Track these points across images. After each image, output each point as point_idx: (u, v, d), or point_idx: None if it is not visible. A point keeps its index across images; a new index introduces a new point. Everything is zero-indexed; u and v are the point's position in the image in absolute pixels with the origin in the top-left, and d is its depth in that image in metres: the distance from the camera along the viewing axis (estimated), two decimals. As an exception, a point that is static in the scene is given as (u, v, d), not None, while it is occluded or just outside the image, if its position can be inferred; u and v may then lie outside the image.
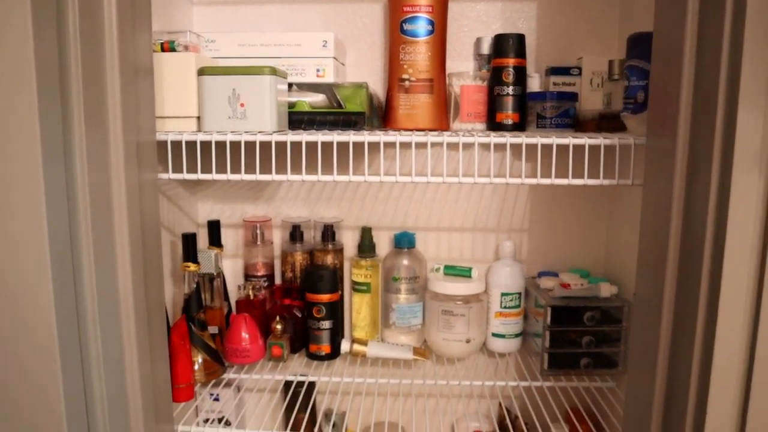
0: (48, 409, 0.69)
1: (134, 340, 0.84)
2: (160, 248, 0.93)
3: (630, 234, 1.17)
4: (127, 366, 0.84)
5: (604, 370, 1.17)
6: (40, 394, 0.69)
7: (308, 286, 1.20)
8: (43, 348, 0.69)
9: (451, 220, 1.30)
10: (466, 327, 1.20)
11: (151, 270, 0.89)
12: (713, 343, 0.70)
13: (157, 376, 0.90)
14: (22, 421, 0.70)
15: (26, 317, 0.69)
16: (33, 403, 0.70)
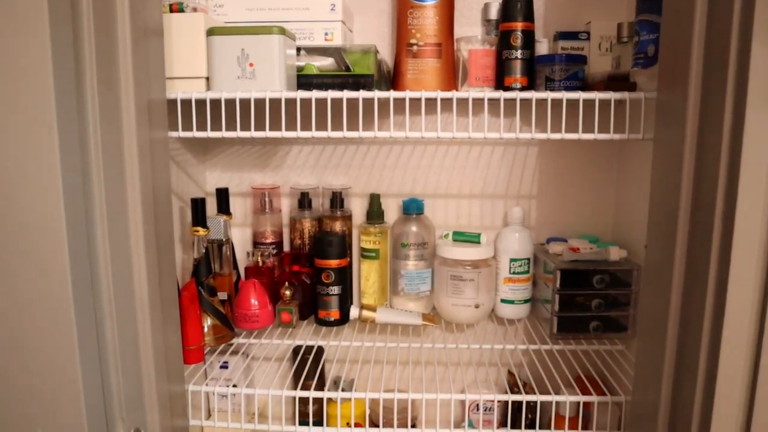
0: (64, 371, 0.69)
1: (146, 299, 0.84)
2: (170, 205, 0.94)
3: (639, 199, 1.17)
4: (140, 326, 0.84)
5: (614, 334, 1.17)
6: (56, 355, 0.70)
7: (317, 252, 1.20)
8: (58, 309, 0.69)
9: (460, 186, 1.30)
10: (475, 292, 1.20)
11: (162, 227, 0.89)
12: (724, 304, 0.69)
13: (169, 337, 0.90)
14: (38, 379, 0.70)
15: (41, 277, 0.69)
16: (49, 365, 0.70)
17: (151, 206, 0.86)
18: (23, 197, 0.69)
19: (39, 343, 0.70)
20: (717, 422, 0.72)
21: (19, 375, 0.70)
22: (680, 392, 0.78)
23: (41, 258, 0.69)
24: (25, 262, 0.70)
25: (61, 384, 0.69)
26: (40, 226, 0.69)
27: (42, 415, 0.68)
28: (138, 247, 0.84)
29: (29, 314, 0.70)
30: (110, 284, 0.79)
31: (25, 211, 0.69)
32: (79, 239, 0.73)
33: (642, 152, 1.15)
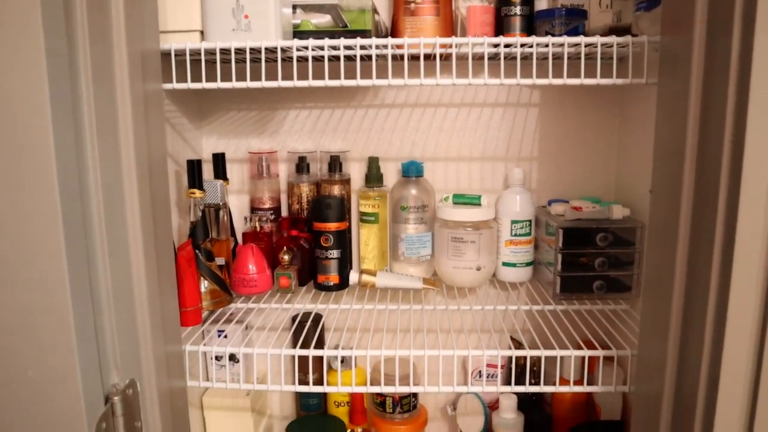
0: (57, 332, 0.67)
1: (141, 256, 0.82)
2: (165, 161, 0.91)
3: (642, 159, 1.15)
4: (135, 285, 0.82)
5: (618, 295, 1.15)
6: (49, 314, 0.67)
7: (315, 215, 1.19)
8: (52, 270, 0.67)
9: (459, 149, 1.28)
10: (477, 254, 1.18)
11: (157, 184, 0.87)
12: (732, 256, 0.67)
13: (165, 297, 0.88)
14: (32, 336, 0.68)
15: (33, 235, 0.67)
16: (44, 321, 0.68)
17: (146, 162, 0.84)
18: (12, 157, 0.66)
19: (31, 292, 0.68)
20: (726, 375, 0.70)
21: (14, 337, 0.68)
22: (688, 346, 0.76)
23: (33, 214, 0.67)
24: (17, 220, 0.67)
25: (55, 347, 0.67)
26: (32, 186, 0.67)
27: (32, 359, 0.66)
28: (133, 202, 0.81)
29: (23, 277, 0.67)
30: (104, 241, 0.76)
31: (16, 171, 0.67)
32: (72, 192, 0.70)
33: (645, 110, 1.13)
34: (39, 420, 0.67)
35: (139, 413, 0.79)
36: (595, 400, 1.23)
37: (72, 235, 0.67)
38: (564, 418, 1.22)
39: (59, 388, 0.66)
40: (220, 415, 1.28)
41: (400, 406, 1.28)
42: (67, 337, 0.66)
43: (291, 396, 1.42)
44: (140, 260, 0.81)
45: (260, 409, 1.34)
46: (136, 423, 0.78)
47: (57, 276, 0.65)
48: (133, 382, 0.78)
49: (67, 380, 0.66)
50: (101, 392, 0.72)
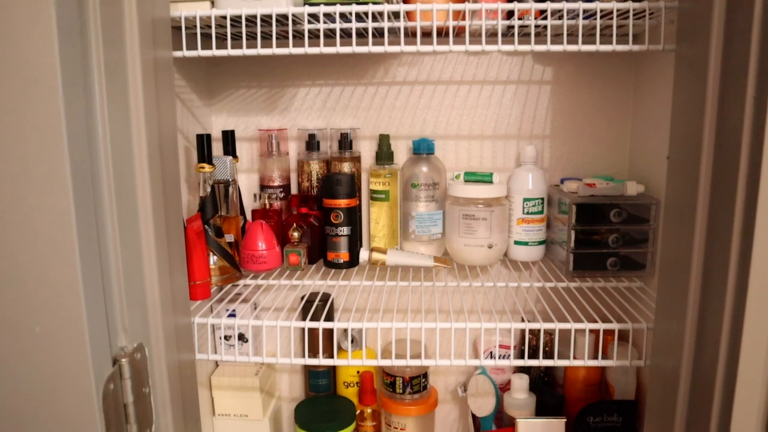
0: (65, 289, 0.66)
1: (151, 228, 0.81)
2: (175, 129, 0.90)
3: (656, 137, 1.14)
4: (145, 257, 0.81)
5: (632, 272, 1.13)
6: (57, 269, 0.66)
7: (325, 192, 1.17)
8: (62, 241, 0.66)
9: (471, 127, 1.27)
10: (488, 231, 1.17)
11: (167, 150, 0.86)
12: (753, 231, 0.65)
13: (174, 265, 0.87)
14: (39, 293, 0.67)
15: (43, 198, 0.66)
16: (51, 276, 0.67)
17: (156, 129, 0.83)
18: (22, 125, 0.65)
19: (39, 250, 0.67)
20: (746, 350, 0.68)
21: (17, 277, 0.67)
22: (706, 321, 0.74)
23: (43, 179, 0.66)
24: (28, 185, 0.66)
25: (64, 317, 0.66)
26: (42, 152, 0.66)
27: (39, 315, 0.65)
28: (142, 169, 0.80)
29: (31, 250, 0.66)
30: (114, 213, 0.75)
31: (25, 144, 0.66)
32: (82, 157, 0.69)
33: (659, 88, 1.12)
34: (46, 377, 0.66)
35: (147, 379, 0.78)
36: (608, 380, 1.21)
37: (81, 197, 0.66)
38: (576, 399, 1.20)
39: (66, 345, 0.65)
40: (228, 394, 1.27)
41: (410, 387, 1.27)
42: (74, 294, 0.65)
43: (300, 377, 1.41)
44: (149, 227, 0.80)
45: (269, 390, 1.33)
46: (144, 389, 0.77)
47: (65, 233, 0.64)
48: (141, 346, 0.77)
49: (75, 338, 0.65)
50: (109, 354, 0.71)
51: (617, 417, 1.16)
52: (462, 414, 1.40)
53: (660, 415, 0.86)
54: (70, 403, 0.66)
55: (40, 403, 0.67)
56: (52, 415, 0.67)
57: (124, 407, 0.73)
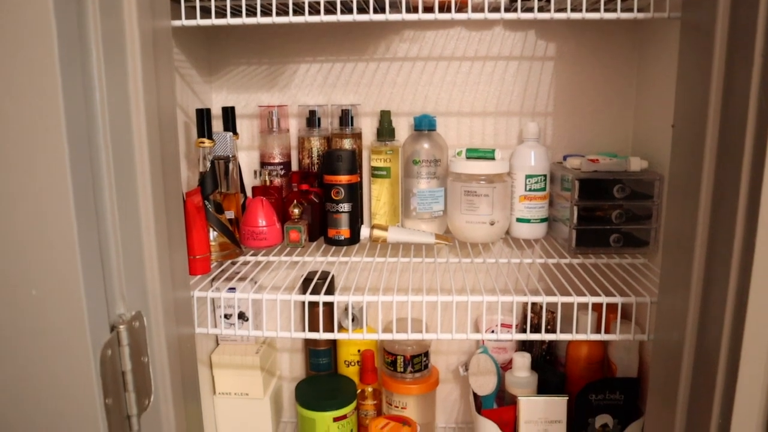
0: (62, 252, 0.65)
1: (150, 197, 0.80)
2: (174, 100, 0.89)
3: (659, 114, 1.12)
4: (143, 225, 0.80)
5: (635, 249, 1.12)
6: (54, 232, 0.66)
7: (326, 168, 1.16)
8: (59, 204, 0.65)
9: (473, 104, 1.26)
10: (490, 208, 1.15)
11: (166, 121, 0.85)
12: (758, 204, 0.64)
13: (173, 241, 0.86)
14: (36, 255, 0.66)
15: (39, 170, 0.65)
16: (48, 238, 0.66)
17: (155, 98, 0.82)
18: (18, 98, 0.64)
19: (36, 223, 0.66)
20: (751, 324, 0.67)
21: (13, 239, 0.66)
22: (710, 295, 0.73)
23: (40, 151, 0.65)
24: (24, 153, 0.65)
25: (60, 288, 0.65)
26: (38, 124, 0.64)
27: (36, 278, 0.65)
28: (140, 137, 0.79)
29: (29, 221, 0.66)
30: (113, 182, 0.74)
31: (22, 114, 0.65)
32: (79, 125, 0.68)
33: (663, 62, 1.10)
34: (43, 341, 0.65)
35: (145, 348, 0.77)
36: (610, 358, 1.20)
37: (78, 163, 0.65)
38: (579, 377, 1.20)
39: (63, 309, 0.64)
40: (229, 373, 1.27)
41: (411, 366, 1.26)
42: (71, 257, 0.64)
43: (300, 357, 1.40)
44: (147, 196, 0.79)
45: (270, 369, 1.33)
46: (143, 358, 0.77)
47: (61, 197, 0.63)
48: (140, 315, 0.76)
49: (72, 302, 0.64)
50: (106, 320, 0.70)
51: (619, 395, 1.15)
52: (463, 394, 1.40)
53: (663, 389, 0.85)
54: (68, 367, 0.66)
55: (38, 367, 0.66)
56: (49, 379, 0.66)
57: (123, 375, 0.72)
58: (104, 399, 0.68)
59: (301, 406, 1.24)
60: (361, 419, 1.28)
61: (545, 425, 1.15)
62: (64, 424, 0.67)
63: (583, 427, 1.16)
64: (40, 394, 0.67)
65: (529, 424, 1.15)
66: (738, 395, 0.70)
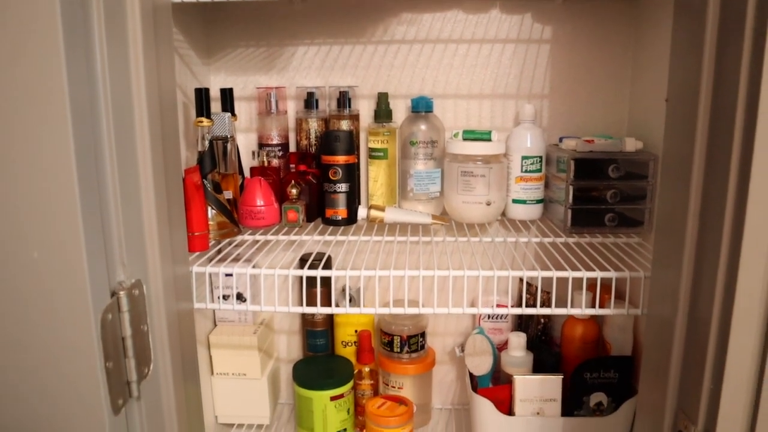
0: (64, 215, 0.66)
1: (150, 170, 0.81)
2: (173, 71, 0.90)
3: (654, 96, 1.13)
4: (144, 201, 0.80)
5: (630, 229, 1.14)
6: (57, 196, 0.66)
7: (324, 149, 1.17)
8: (61, 169, 0.65)
9: (470, 86, 1.27)
10: (486, 189, 1.17)
11: (165, 93, 0.86)
12: (748, 183, 0.65)
13: (172, 213, 0.87)
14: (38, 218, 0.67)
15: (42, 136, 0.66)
16: (50, 202, 0.67)
17: (155, 71, 0.82)
18: (22, 69, 0.65)
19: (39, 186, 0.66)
20: (741, 298, 0.68)
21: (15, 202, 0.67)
22: (702, 271, 0.74)
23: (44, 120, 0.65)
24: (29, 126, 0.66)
25: (60, 214, 0.65)
26: (41, 91, 0.65)
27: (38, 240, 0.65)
28: (140, 105, 0.79)
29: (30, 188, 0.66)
30: (114, 156, 0.75)
31: (26, 84, 0.65)
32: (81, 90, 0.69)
33: (659, 46, 1.11)
34: (43, 303, 0.66)
35: (145, 317, 0.78)
36: (605, 338, 1.22)
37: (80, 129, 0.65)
38: (574, 357, 1.21)
39: (64, 272, 0.65)
40: (227, 353, 1.27)
41: (408, 346, 1.27)
42: (73, 221, 0.65)
43: (298, 339, 1.41)
44: (148, 166, 0.80)
45: (267, 350, 1.34)
46: (143, 326, 0.78)
47: (64, 162, 0.64)
48: (139, 283, 0.77)
49: (73, 264, 0.65)
50: (107, 285, 0.71)
51: (614, 373, 1.16)
52: (459, 375, 1.41)
53: (655, 363, 0.86)
54: (69, 330, 0.66)
55: (39, 329, 0.67)
56: (51, 341, 0.67)
57: (123, 341, 0.73)
58: (105, 362, 0.69)
59: (298, 386, 1.25)
60: (358, 399, 1.29)
61: (540, 403, 1.16)
62: (66, 385, 0.68)
63: (578, 405, 1.17)
64: (41, 357, 0.68)
65: (525, 402, 1.17)
66: (728, 367, 0.71)
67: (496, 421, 1.16)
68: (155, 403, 0.81)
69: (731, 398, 0.71)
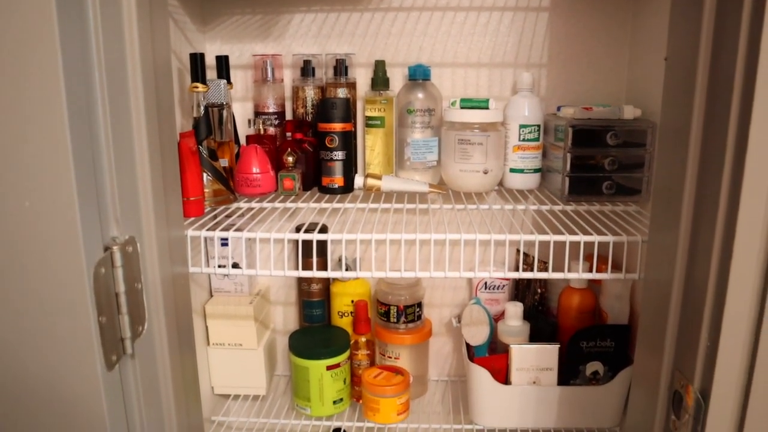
0: (55, 164, 0.65)
1: (144, 133, 0.80)
2: (167, 31, 0.89)
3: (654, 64, 1.13)
4: (137, 159, 0.79)
5: (627, 197, 1.13)
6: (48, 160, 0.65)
7: (320, 116, 1.16)
8: (53, 121, 0.64)
9: (467, 54, 1.26)
10: (484, 157, 1.16)
11: (159, 49, 0.84)
12: (746, 148, 0.65)
13: (167, 177, 0.86)
14: (29, 166, 0.66)
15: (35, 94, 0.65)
16: (40, 149, 0.66)
17: (149, 30, 0.81)
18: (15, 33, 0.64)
19: (30, 137, 0.66)
20: (737, 263, 0.68)
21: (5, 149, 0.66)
22: (699, 235, 0.74)
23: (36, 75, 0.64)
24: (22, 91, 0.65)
25: (51, 163, 0.64)
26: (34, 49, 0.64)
27: (29, 189, 0.65)
28: (134, 57, 0.78)
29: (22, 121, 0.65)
30: (108, 118, 0.74)
31: (17, 50, 0.64)
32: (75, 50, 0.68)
33: (658, 14, 1.10)
34: (35, 252, 0.65)
35: (139, 275, 0.77)
36: (602, 308, 1.21)
37: (72, 81, 0.64)
38: (570, 326, 1.20)
39: (57, 222, 0.64)
40: (223, 323, 1.27)
41: (405, 316, 1.27)
42: (65, 171, 0.64)
43: (294, 310, 1.41)
44: (141, 122, 0.79)
45: (263, 321, 1.33)
46: (136, 284, 0.77)
47: (56, 113, 0.63)
48: (133, 240, 0.76)
49: (65, 214, 0.64)
50: (100, 239, 0.70)
51: (610, 342, 1.16)
52: (456, 346, 1.41)
53: (652, 325, 0.86)
54: (62, 281, 0.66)
55: (32, 279, 0.66)
56: (44, 292, 0.66)
57: (116, 297, 0.73)
58: (98, 316, 0.68)
59: (294, 355, 1.24)
60: (355, 369, 1.29)
61: (536, 372, 1.16)
62: (59, 339, 0.68)
63: (574, 374, 1.17)
64: (34, 309, 0.67)
65: (521, 371, 1.16)
66: (725, 323, 0.70)
67: (492, 389, 1.16)
68: (150, 363, 0.81)
69: (728, 354, 0.70)
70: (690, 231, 0.77)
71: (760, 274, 0.69)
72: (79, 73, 0.67)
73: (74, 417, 0.70)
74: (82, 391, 0.69)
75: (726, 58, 0.68)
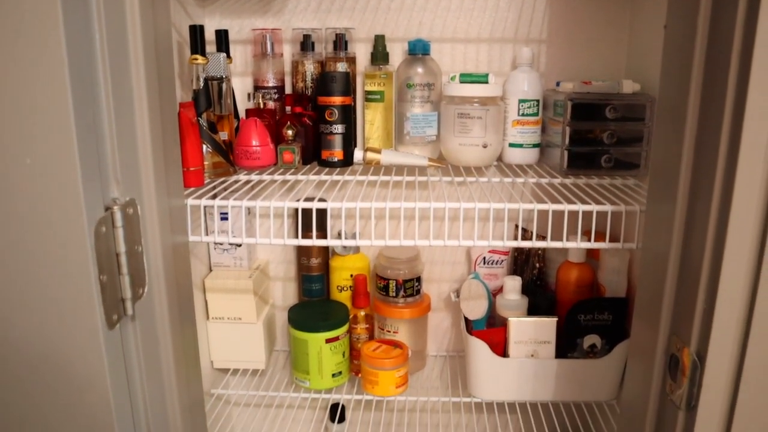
0: (56, 124, 0.65)
1: (145, 98, 0.80)
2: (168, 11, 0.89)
3: (653, 40, 1.13)
4: (138, 122, 0.79)
5: (626, 172, 1.13)
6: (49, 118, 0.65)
7: (320, 90, 1.17)
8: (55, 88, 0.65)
9: (467, 30, 1.26)
10: (483, 131, 1.16)
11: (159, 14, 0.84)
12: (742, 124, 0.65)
13: (167, 148, 0.86)
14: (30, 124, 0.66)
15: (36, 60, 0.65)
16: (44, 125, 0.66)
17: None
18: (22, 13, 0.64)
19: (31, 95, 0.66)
20: (732, 233, 0.68)
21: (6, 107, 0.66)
22: (696, 205, 0.74)
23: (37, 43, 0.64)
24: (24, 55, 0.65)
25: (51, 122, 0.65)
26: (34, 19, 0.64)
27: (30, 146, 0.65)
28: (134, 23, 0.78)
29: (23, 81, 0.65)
30: (109, 86, 0.74)
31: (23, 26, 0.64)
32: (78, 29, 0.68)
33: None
34: (36, 210, 0.66)
35: (139, 237, 0.78)
36: (600, 282, 1.22)
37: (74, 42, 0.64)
38: (568, 300, 1.21)
39: (58, 179, 0.65)
40: (222, 297, 1.28)
41: (404, 290, 1.27)
42: (66, 127, 0.64)
43: (293, 285, 1.41)
44: (142, 87, 0.79)
45: (263, 296, 1.34)
46: (137, 246, 0.77)
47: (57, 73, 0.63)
48: (133, 202, 0.76)
49: (66, 172, 0.65)
50: (101, 199, 0.71)
51: (608, 315, 1.16)
52: (455, 321, 1.41)
53: (649, 292, 0.87)
54: (63, 237, 0.66)
55: (33, 235, 0.67)
56: (45, 249, 0.67)
57: (117, 257, 0.73)
58: (99, 275, 0.69)
59: (293, 328, 1.25)
60: (353, 343, 1.30)
61: (534, 346, 1.17)
62: (60, 296, 0.68)
63: (572, 347, 1.18)
64: (35, 266, 0.68)
65: (519, 344, 1.17)
66: (721, 285, 0.71)
67: (490, 362, 1.17)
68: (150, 327, 0.81)
69: (724, 316, 0.71)
70: (687, 201, 0.77)
71: (756, 239, 0.70)
72: (82, 37, 0.67)
73: (75, 375, 0.71)
74: (83, 349, 0.70)
75: (724, 25, 0.68)
